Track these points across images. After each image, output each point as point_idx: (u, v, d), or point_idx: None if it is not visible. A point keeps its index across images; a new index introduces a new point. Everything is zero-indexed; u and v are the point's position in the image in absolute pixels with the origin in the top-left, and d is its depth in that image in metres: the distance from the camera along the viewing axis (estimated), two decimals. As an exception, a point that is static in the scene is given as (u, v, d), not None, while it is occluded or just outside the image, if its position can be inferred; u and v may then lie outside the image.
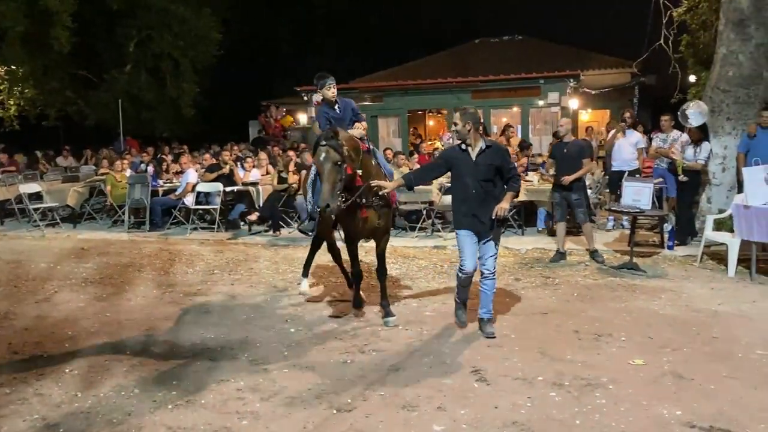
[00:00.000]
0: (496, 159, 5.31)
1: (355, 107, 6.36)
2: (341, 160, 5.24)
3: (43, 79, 21.04)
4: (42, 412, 4.22)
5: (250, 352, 5.29)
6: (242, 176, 11.75)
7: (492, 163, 5.29)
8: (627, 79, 19.69)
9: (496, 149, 5.43)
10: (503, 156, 5.42)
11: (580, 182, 8.11)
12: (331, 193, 5.16)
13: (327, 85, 6.06)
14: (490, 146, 5.37)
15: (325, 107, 6.24)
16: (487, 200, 5.28)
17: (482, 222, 5.30)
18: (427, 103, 21.20)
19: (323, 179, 5.23)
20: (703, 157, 8.77)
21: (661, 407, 4.06)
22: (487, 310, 5.56)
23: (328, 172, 5.19)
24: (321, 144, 5.29)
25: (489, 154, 5.32)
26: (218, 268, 8.53)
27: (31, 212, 11.91)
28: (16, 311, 6.62)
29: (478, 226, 5.36)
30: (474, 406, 4.15)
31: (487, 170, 5.29)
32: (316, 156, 5.32)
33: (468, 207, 5.36)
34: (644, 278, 7.40)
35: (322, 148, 5.26)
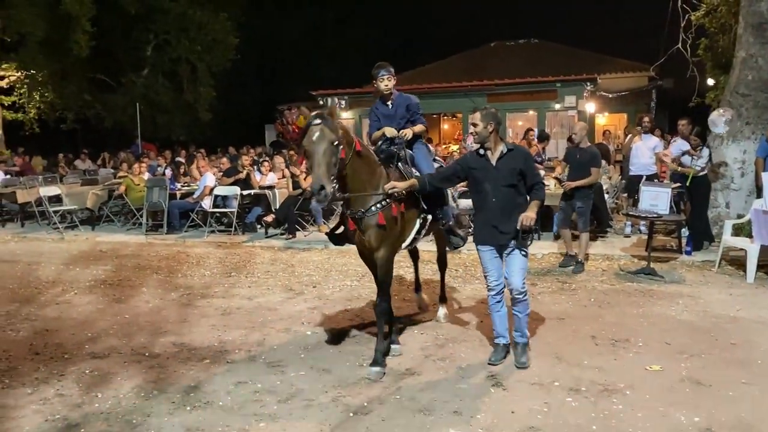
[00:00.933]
0: (518, 163, 4.82)
1: (413, 105, 5.52)
2: (337, 140, 4.54)
3: (61, 83, 21.36)
4: (63, 412, 4.27)
5: (267, 354, 5.32)
6: (259, 180, 11.83)
7: (514, 167, 4.80)
8: (644, 83, 19.61)
9: (519, 152, 4.92)
10: (526, 159, 4.92)
11: (586, 190, 7.99)
12: (326, 177, 4.42)
13: (380, 77, 5.37)
14: (512, 149, 4.89)
15: (378, 103, 5.58)
16: (509, 209, 4.78)
17: (503, 233, 4.80)
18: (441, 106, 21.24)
19: (316, 161, 4.45)
20: (702, 164, 8.72)
21: (679, 413, 4.04)
22: (522, 333, 5.00)
23: (323, 152, 4.46)
24: (314, 123, 4.57)
25: (510, 157, 4.83)
26: (235, 270, 8.59)
27: (50, 215, 12.07)
28: (37, 312, 6.71)
29: (498, 238, 4.85)
30: (490, 410, 4.15)
31: (509, 175, 4.80)
32: (307, 137, 4.55)
33: (487, 217, 4.88)
34: (662, 283, 7.36)
35: (314, 127, 4.53)
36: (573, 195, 8.00)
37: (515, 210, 4.77)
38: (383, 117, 5.51)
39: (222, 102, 24.98)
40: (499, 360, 4.94)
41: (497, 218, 4.82)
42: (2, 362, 5.22)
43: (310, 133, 4.53)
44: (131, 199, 12.10)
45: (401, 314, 6.19)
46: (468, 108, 20.05)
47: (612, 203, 10.98)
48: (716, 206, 9.31)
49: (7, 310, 6.82)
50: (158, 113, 22.97)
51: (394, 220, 4.93)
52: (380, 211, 4.85)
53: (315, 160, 4.46)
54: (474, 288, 7.33)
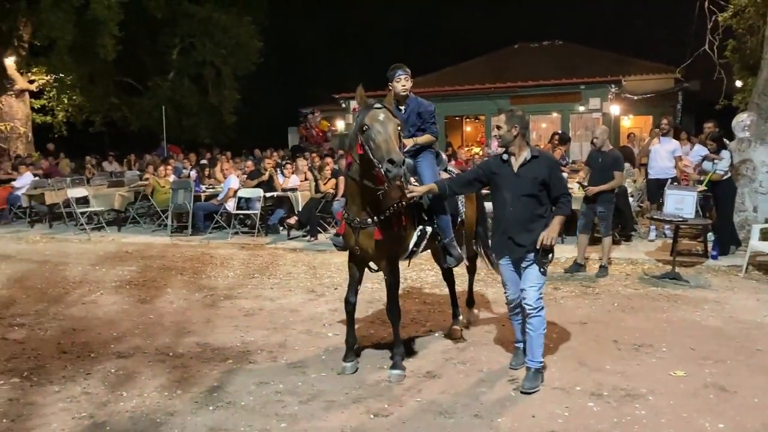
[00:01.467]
0: (542, 172, 4.46)
1: (426, 112, 5.22)
2: (400, 125, 4.45)
3: (89, 86, 21.74)
4: (89, 410, 4.35)
5: (289, 355, 5.37)
6: (281, 182, 11.93)
7: (537, 176, 4.46)
8: (670, 85, 19.37)
9: (544, 160, 4.56)
10: (552, 169, 4.52)
11: (608, 195, 7.89)
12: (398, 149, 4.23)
13: (397, 77, 5.09)
14: (537, 156, 4.53)
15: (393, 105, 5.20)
16: (527, 221, 4.47)
17: (519, 245, 4.49)
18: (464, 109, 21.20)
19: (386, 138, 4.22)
20: (723, 167, 8.57)
21: (703, 420, 3.99)
22: (532, 356, 4.57)
23: (393, 131, 4.29)
24: (375, 106, 4.39)
25: (534, 165, 4.49)
26: (258, 272, 8.67)
27: (78, 216, 12.28)
28: (64, 312, 6.84)
29: (513, 251, 4.55)
30: (511, 414, 4.14)
31: (531, 184, 4.46)
32: (372, 116, 4.32)
33: (503, 227, 4.59)
34: (687, 288, 7.27)
35: (378, 110, 4.36)
36: (595, 199, 7.91)
37: (533, 222, 4.46)
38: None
39: (246, 105, 25.21)
40: (520, 365, 4.81)
41: (513, 229, 4.52)
42: (31, 360, 5.33)
43: (375, 114, 4.32)
44: (157, 200, 12.27)
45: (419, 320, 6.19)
46: (491, 110, 20.05)
47: (636, 207, 10.87)
48: (743, 210, 9.16)
49: (36, 309, 6.96)
50: (184, 116, 23.26)
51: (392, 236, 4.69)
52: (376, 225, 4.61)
53: (387, 136, 4.23)
54: (496, 291, 7.30)
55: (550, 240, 4.38)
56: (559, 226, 4.46)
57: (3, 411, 4.35)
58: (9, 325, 6.35)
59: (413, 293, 7.28)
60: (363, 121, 4.37)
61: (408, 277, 7.99)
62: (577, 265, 8.17)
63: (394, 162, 4.12)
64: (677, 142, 10.40)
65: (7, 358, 5.40)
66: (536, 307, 4.49)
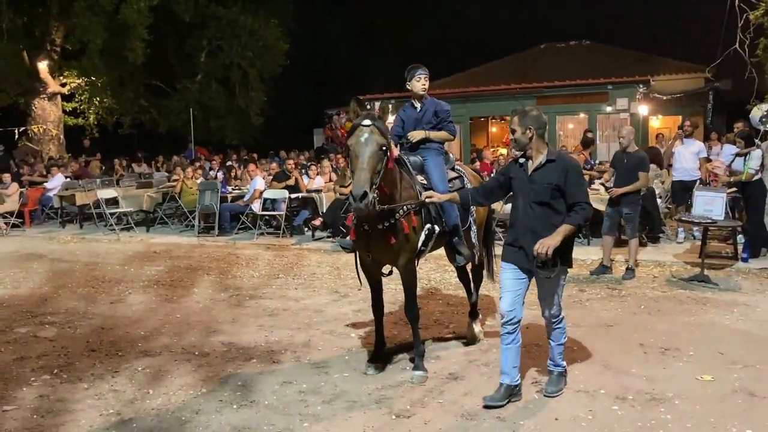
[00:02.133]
0: (556, 177, 4.09)
1: (442, 111, 5.16)
2: (386, 145, 4.26)
3: (119, 89, 22.10)
4: (117, 407, 4.43)
5: (313, 355, 5.40)
6: (306, 183, 12.00)
7: (551, 181, 4.09)
8: (700, 84, 19.02)
9: (561, 164, 4.15)
10: (569, 174, 4.11)
11: (633, 196, 7.80)
12: (368, 182, 4.09)
13: (417, 76, 5.08)
14: (554, 160, 4.16)
15: (407, 105, 5.31)
16: (539, 230, 4.09)
17: (531, 259, 4.12)
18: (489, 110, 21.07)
19: (359, 164, 4.13)
20: (754, 166, 8.39)
21: (730, 425, 3.92)
22: (555, 363, 4.49)
23: (370, 156, 4.14)
24: (363, 123, 4.26)
25: (549, 169, 4.13)
26: (282, 272, 8.74)
27: (107, 216, 12.50)
28: (93, 311, 6.98)
29: (524, 261, 4.20)
30: (534, 417, 4.11)
31: (543, 191, 4.11)
32: (355, 136, 4.23)
33: (514, 235, 4.29)
34: (716, 291, 7.15)
35: (363, 128, 4.23)
36: (620, 201, 7.84)
37: (546, 232, 4.06)
38: (408, 120, 5.23)
39: (273, 106, 25.40)
40: (497, 402, 4.23)
41: (525, 239, 4.16)
42: (61, 358, 5.45)
43: (359, 134, 4.24)
44: (184, 201, 12.44)
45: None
46: (517, 111, 19.89)
47: (664, 208, 10.71)
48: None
49: (66, 308, 7.11)
50: (211, 118, 23.52)
51: (405, 237, 4.64)
52: (388, 230, 4.55)
53: (360, 162, 4.14)
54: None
55: (546, 249, 3.96)
56: (562, 235, 4.01)
57: (34, 407, 4.46)
58: (40, 324, 6.50)
59: (437, 295, 7.28)
60: (348, 138, 4.34)
61: (431, 278, 7.99)
62: (603, 267, 8.09)
63: (353, 196, 4.05)
64: (701, 143, 10.24)
65: (38, 355, 5.52)
66: (556, 320, 4.37)
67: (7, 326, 6.42)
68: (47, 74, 20.19)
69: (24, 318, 6.71)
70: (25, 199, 13.70)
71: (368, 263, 4.94)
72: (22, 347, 5.76)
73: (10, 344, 5.85)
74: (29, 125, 20.63)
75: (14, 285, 8.31)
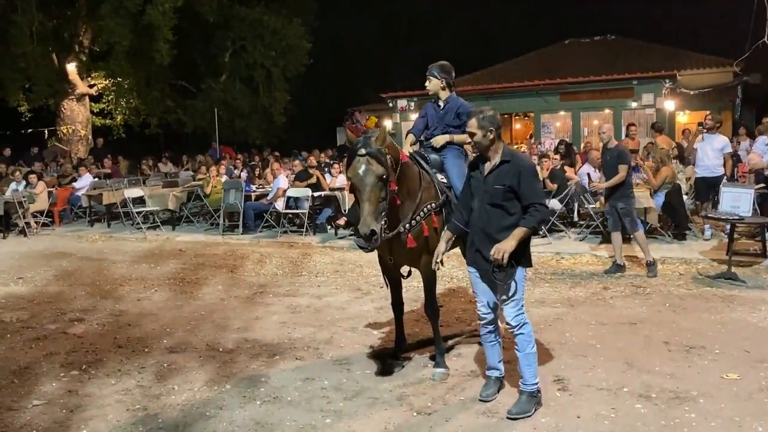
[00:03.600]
0: (509, 178, 3.99)
1: (465, 113, 4.93)
2: (386, 173, 4.21)
3: (145, 90, 22.41)
4: (143, 402, 4.52)
5: (335, 352, 5.44)
6: (329, 182, 12.06)
7: (504, 183, 4.00)
8: (729, 79, 18.72)
9: (515, 165, 4.04)
10: (522, 175, 3.99)
11: (624, 189, 7.76)
12: (374, 216, 4.13)
13: (427, 78, 5.17)
14: (508, 161, 4.06)
15: (432, 102, 5.31)
16: (493, 231, 4.03)
17: (486, 260, 4.04)
18: (513, 107, 20.96)
19: (363, 198, 4.15)
20: None
21: (757, 424, 3.87)
22: (524, 380, 4.15)
23: (370, 189, 4.13)
24: (359, 153, 4.20)
25: (503, 171, 4.04)
26: (305, 270, 8.80)
27: (134, 215, 12.70)
28: (121, 308, 7.10)
29: (481, 263, 4.14)
30: (555, 414, 4.10)
31: (496, 193, 4.02)
32: (352, 169, 4.21)
33: (471, 238, 4.23)
34: (743, 289, 7.04)
35: (360, 159, 4.18)
36: (612, 197, 7.86)
37: (500, 234, 4.00)
38: (431, 118, 5.27)
39: (296, 105, 25.54)
40: (491, 396, 4.32)
41: (480, 241, 4.12)
42: (89, 354, 5.56)
43: (356, 166, 4.18)
44: (209, 200, 12.58)
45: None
46: (540, 108, 19.82)
47: (691, 205, 10.56)
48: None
49: (94, 305, 7.25)
50: (236, 117, 23.72)
51: (425, 240, 4.63)
52: (409, 232, 4.57)
53: (362, 197, 4.15)
54: (543, 291, 7.24)
55: (501, 254, 3.88)
56: (517, 239, 3.92)
57: (63, 402, 4.56)
58: (69, 320, 6.64)
59: (459, 292, 7.27)
60: (347, 169, 4.34)
61: (454, 276, 7.98)
62: (617, 266, 7.97)
63: (360, 234, 4.11)
64: (725, 138, 10.04)
65: (67, 351, 5.64)
66: (516, 325, 4.09)
67: (37, 323, 6.57)
68: (75, 76, 20.58)
69: (53, 315, 6.86)
70: (55, 198, 13.98)
71: (389, 265, 4.98)
72: (52, 343, 5.89)
73: (40, 340, 5.99)
74: (58, 126, 21.05)
75: (44, 282, 8.49)
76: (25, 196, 12.87)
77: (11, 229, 12.97)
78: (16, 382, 4.96)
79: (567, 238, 10.21)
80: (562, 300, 6.85)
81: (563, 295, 7.07)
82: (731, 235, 7.87)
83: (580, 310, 6.45)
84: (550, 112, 19.90)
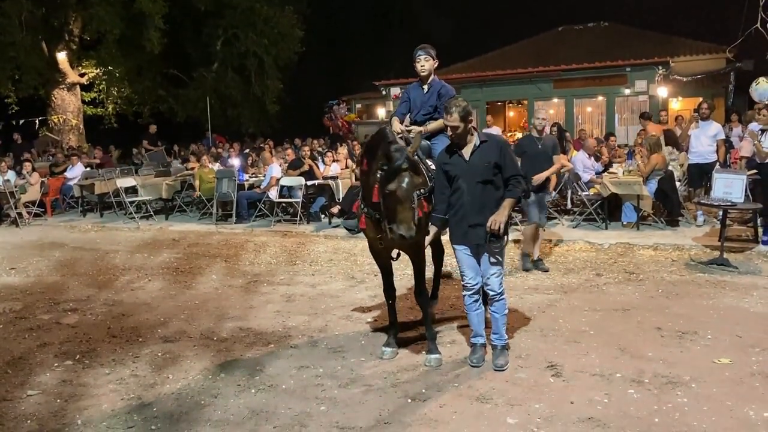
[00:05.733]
0: (492, 155, 4.49)
1: (446, 95, 5.17)
2: (424, 181, 4.49)
3: (137, 78, 22.26)
4: (137, 391, 4.52)
5: (329, 339, 5.46)
6: (322, 170, 12.03)
7: (489, 160, 4.48)
8: (721, 65, 18.72)
9: (494, 143, 4.59)
10: (502, 151, 4.53)
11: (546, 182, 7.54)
12: (413, 220, 4.27)
13: (417, 57, 5.21)
14: (486, 141, 4.57)
15: (415, 84, 5.36)
16: (486, 207, 4.47)
17: (479, 234, 4.49)
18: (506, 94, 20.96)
19: (405, 207, 4.25)
20: None
21: (748, 408, 3.90)
22: (499, 335, 4.71)
23: (412, 199, 4.27)
24: (402, 167, 4.24)
25: (484, 150, 4.52)
26: (299, 258, 8.80)
27: (127, 205, 12.65)
28: (114, 298, 7.09)
29: (473, 238, 4.53)
30: (549, 400, 4.12)
31: (484, 170, 4.48)
32: (396, 182, 4.24)
33: (461, 217, 4.55)
34: (735, 274, 7.08)
35: (403, 174, 4.24)
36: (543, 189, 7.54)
37: (492, 207, 4.47)
38: (415, 101, 5.33)
39: (289, 94, 25.42)
40: (480, 360, 4.69)
41: (472, 216, 4.49)
42: (83, 344, 5.55)
43: (401, 179, 4.23)
44: (202, 190, 12.53)
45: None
46: (534, 95, 19.80)
47: (684, 191, 10.60)
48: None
49: (88, 295, 7.23)
50: (228, 106, 23.61)
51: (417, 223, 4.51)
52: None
53: (404, 206, 4.24)
54: (536, 278, 7.26)
55: (498, 225, 4.39)
56: (508, 210, 4.49)
57: (57, 392, 4.56)
58: (63, 311, 6.62)
59: (452, 280, 7.29)
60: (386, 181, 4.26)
61: (446, 263, 7.97)
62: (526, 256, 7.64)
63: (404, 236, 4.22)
64: (718, 125, 10.07)
65: (60, 341, 5.63)
66: (499, 292, 4.62)
67: (30, 313, 6.55)
68: (66, 64, 20.39)
69: (46, 305, 6.84)
70: (46, 188, 13.89)
71: (378, 249, 5.00)
72: (45, 333, 5.88)
73: (34, 331, 5.98)
74: (49, 115, 20.88)
75: (36, 273, 8.46)
76: (17, 187, 12.79)
77: (3, 220, 12.91)
78: (10, 373, 4.95)
79: (560, 225, 10.24)
80: (556, 287, 6.87)
81: (556, 281, 7.09)
82: (723, 221, 7.91)
83: (574, 296, 6.48)
84: (544, 100, 19.90)
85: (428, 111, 5.30)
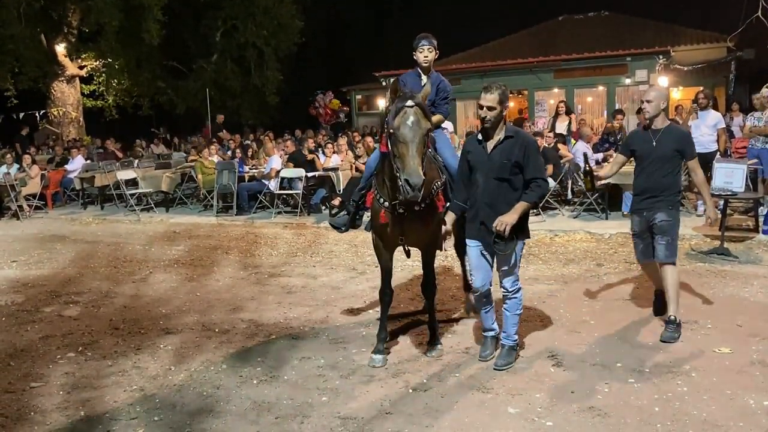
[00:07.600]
0: (515, 154, 4.18)
1: (443, 90, 5.08)
2: (430, 128, 4.15)
3: (136, 70, 22.20)
4: (140, 383, 4.54)
5: (331, 331, 5.47)
6: (323, 162, 12.03)
7: (510, 158, 4.18)
8: (722, 54, 18.66)
9: (520, 140, 4.24)
10: (527, 150, 4.21)
11: None
12: (421, 168, 3.96)
13: (420, 47, 4.96)
14: (512, 136, 4.24)
15: (412, 73, 5.10)
16: (498, 206, 4.22)
17: (491, 232, 4.24)
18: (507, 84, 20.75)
19: (410, 152, 3.94)
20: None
21: (747, 397, 3.92)
22: (508, 335, 4.54)
23: (420, 142, 3.99)
24: (407, 104, 4.03)
25: (508, 146, 4.21)
26: (300, 250, 8.81)
27: (127, 197, 12.65)
28: (116, 290, 7.10)
29: (485, 236, 4.32)
30: (550, 390, 4.14)
31: (502, 167, 4.20)
32: (403, 118, 4.00)
33: (475, 211, 4.36)
34: (735, 264, 7.09)
35: (409, 110, 4.01)
36: None
37: (504, 207, 4.20)
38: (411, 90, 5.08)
39: (289, 85, 25.34)
40: (489, 355, 4.61)
41: (485, 214, 4.28)
42: (85, 336, 5.57)
43: (405, 117, 4.01)
44: (203, 181, 12.54)
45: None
46: (534, 85, 19.75)
47: (684, 181, 10.57)
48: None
49: (90, 287, 7.24)
50: (228, 98, 23.55)
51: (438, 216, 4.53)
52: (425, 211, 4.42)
53: (411, 149, 3.95)
54: (537, 268, 7.28)
55: (504, 226, 4.10)
56: (519, 213, 4.16)
57: (60, 384, 4.58)
58: (65, 303, 6.64)
59: (453, 271, 7.30)
60: (391, 120, 4.07)
61: (447, 255, 7.99)
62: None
63: (411, 185, 3.89)
64: (718, 114, 10.05)
65: (63, 334, 5.65)
66: (513, 290, 4.47)
67: (33, 306, 6.57)
68: (65, 57, 20.34)
69: (49, 298, 6.85)
70: (47, 181, 13.90)
71: (382, 247, 4.81)
72: (48, 326, 5.90)
73: (36, 323, 6.00)
74: (49, 108, 20.85)
75: (38, 266, 8.48)
76: (18, 179, 12.79)
77: (4, 213, 12.92)
78: (13, 365, 4.97)
79: (561, 216, 10.24)
80: (556, 277, 6.89)
81: (557, 272, 7.11)
82: (724, 211, 7.91)
83: (574, 286, 6.49)
84: (544, 90, 19.84)
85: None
